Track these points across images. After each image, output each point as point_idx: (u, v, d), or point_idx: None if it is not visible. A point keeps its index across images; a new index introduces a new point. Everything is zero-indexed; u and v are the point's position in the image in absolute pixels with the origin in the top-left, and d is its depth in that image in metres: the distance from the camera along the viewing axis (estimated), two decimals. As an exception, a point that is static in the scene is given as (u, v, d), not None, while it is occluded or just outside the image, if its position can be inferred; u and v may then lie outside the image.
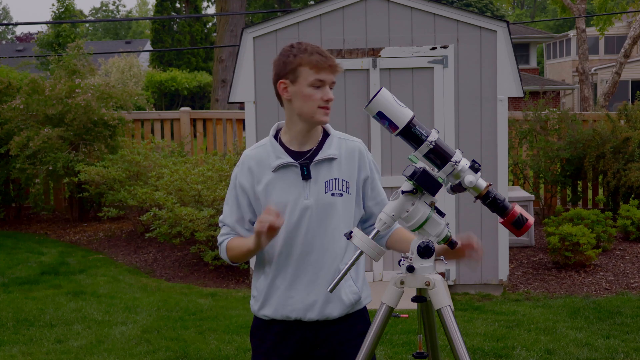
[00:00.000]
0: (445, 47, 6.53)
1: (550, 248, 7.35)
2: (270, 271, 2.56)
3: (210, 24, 40.97)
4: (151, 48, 39.34)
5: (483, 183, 2.30)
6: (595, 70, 31.54)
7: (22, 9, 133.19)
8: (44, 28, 61.31)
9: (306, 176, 2.51)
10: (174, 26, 38.64)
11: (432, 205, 2.32)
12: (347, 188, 2.54)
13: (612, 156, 8.63)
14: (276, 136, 2.59)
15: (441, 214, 2.35)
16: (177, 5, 39.02)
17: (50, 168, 8.85)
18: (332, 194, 2.51)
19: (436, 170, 2.31)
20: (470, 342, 5.18)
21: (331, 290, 2.30)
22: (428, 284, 2.31)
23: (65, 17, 27.41)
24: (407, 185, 2.30)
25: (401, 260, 2.36)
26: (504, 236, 6.60)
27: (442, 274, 6.62)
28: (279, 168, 2.52)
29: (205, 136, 10.92)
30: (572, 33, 35.44)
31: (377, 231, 2.31)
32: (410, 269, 2.32)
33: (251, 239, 2.44)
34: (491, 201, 2.31)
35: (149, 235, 7.71)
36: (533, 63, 35.07)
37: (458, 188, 2.31)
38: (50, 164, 8.81)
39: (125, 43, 47.43)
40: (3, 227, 9.82)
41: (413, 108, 3.73)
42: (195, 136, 11.18)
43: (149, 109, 13.76)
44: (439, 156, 2.29)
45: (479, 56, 6.54)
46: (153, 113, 11.82)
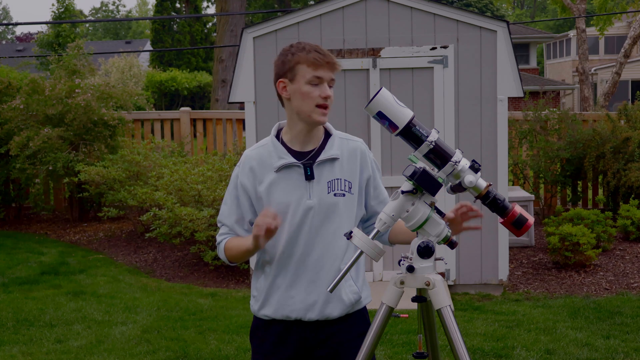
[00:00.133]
0: (445, 47, 6.53)
1: (550, 248, 7.35)
2: (270, 271, 2.55)
3: (210, 24, 40.97)
4: (151, 48, 39.34)
5: (483, 183, 2.31)
6: (595, 70, 31.54)
7: (22, 9, 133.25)
8: (44, 28, 61.42)
9: (309, 176, 2.50)
10: (174, 26, 38.64)
11: (432, 205, 2.33)
12: (350, 188, 2.54)
13: (612, 156, 8.63)
14: (277, 136, 2.59)
15: (441, 214, 2.36)
16: (177, 5, 39.02)
17: (50, 168, 8.85)
18: (335, 194, 2.51)
19: (436, 170, 2.31)
20: (470, 342, 5.18)
21: (331, 290, 2.30)
22: (428, 284, 2.32)
23: (65, 17, 27.39)
24: (407, 185, 2.30)
25: (401, 260, 2.37)
26: (504, 236, 6.60)
27: (442, 274, 6.62)
28: (282, 168, 2.51)
29: (205, 136, 10.91)
30: (572, 33, 35.44)
31: (377, 231, 2.31)
32: (410, 269, 2.32)
33: (249, 239, 2.44)
34: (491, 201, 2.31)
35: (149, 235, 7.71)
36: (533, 63, 35.08)
37: (458, 188, 2.32)
38: (50, 164, 8.81)
39: (125, 43, 47.41)
40: (3, 227, 9.82)
41: (413, 108, 3.73)
42: (195, 136, 11.17)
43: (149, 109, 13.75)
44: (439, 156, 2.29)
45: (479, 56, 6.54)
46: (153, 113, 11.81)
